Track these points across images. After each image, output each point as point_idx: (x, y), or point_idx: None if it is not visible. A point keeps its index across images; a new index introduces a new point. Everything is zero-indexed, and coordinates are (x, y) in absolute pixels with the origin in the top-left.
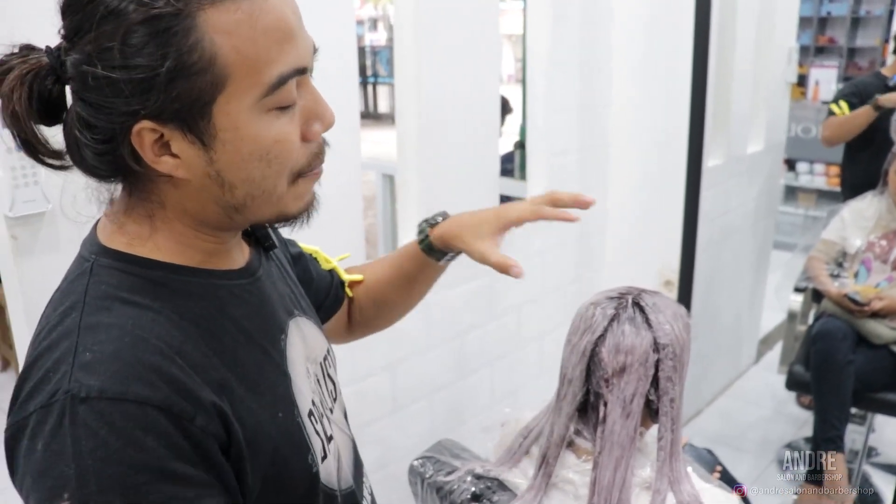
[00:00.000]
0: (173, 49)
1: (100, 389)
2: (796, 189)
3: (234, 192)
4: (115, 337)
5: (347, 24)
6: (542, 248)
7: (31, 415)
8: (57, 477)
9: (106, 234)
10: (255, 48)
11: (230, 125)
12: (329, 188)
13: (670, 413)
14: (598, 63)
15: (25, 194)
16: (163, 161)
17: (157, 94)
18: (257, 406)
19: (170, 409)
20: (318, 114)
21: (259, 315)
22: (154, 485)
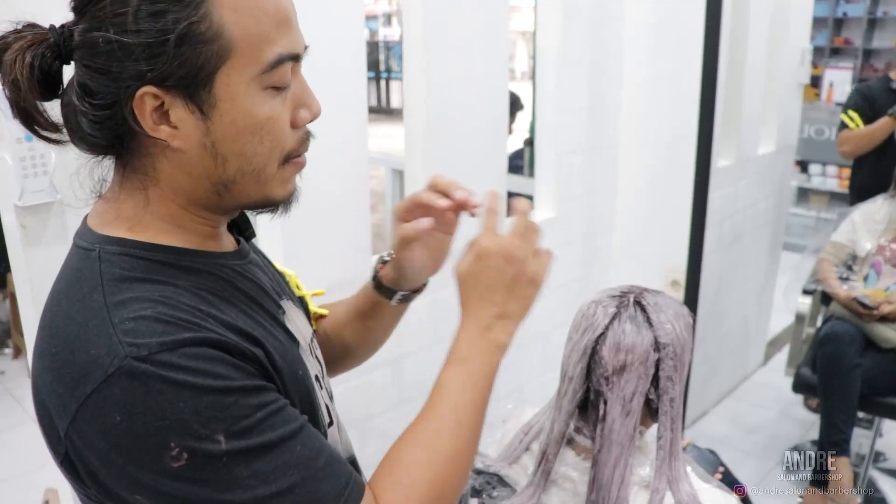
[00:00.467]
0: (184, 17)
1: (159, 343)
2: (808, 191)
3: (227, 166)
4: (146, 306)
5: (356, 19)
6: (548, 244)
7: (91, 396)
8: (154, 434)
9: (103, 223)
10: (257, 26)
11: (229, 96)
12: (336, 183)
13: (670, 412)
14: (608, 62)
15: (34, 184)
16: (161, 129)
17: (165, 59)
18: (283, 361)
19: (225, 344)
20: (306, 102)
21: (260, 289)
22: (242, 400)
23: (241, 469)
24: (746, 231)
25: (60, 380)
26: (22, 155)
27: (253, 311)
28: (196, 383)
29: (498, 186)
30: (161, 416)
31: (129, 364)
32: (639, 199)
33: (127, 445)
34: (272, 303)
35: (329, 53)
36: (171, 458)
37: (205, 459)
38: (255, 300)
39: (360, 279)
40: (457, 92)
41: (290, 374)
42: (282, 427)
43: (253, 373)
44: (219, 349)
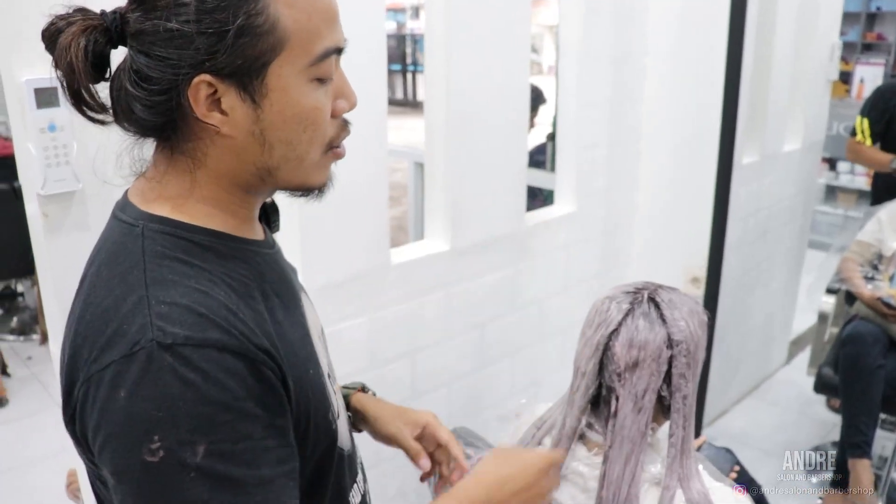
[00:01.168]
0: (244, 10)
1: (185, 336)
2: (836, 189)
3: (272, 153)
4: (183, 292)
5: (377, 12)
6: (567, 241)
7: (109, 366)
8: (146, 420)
9: (147, 201)
10: (309, 22)
11: (280, 86)
12: (355, 176)
13: (682, 410)
14: (630, 56)
15: (57, 173)
16: (212, 115)
17: (223, 49)
18: (297, 361)
19: (245, 353)
20: (345, 92)
21: (285, 281)
22: (236, 423)
23: (202, 491)
24: (771, 228)
25: (89, 345)
26: (45, 145)
27: (275, 306)
28: (203, 388)
29: (517, 180)
30: (159, 406)
31: (152, 347)
32: (660, 195)
33: (117, 422)
34: (294, 295)
35: (350, 48)
36: (149, 450)
37: (177, 465)
38: (279, 293)
39: (377, 272)
40: (478, 86)
41: (302, 375)
42: (258, 468)
43: (258, 396)
44: (240, 359)
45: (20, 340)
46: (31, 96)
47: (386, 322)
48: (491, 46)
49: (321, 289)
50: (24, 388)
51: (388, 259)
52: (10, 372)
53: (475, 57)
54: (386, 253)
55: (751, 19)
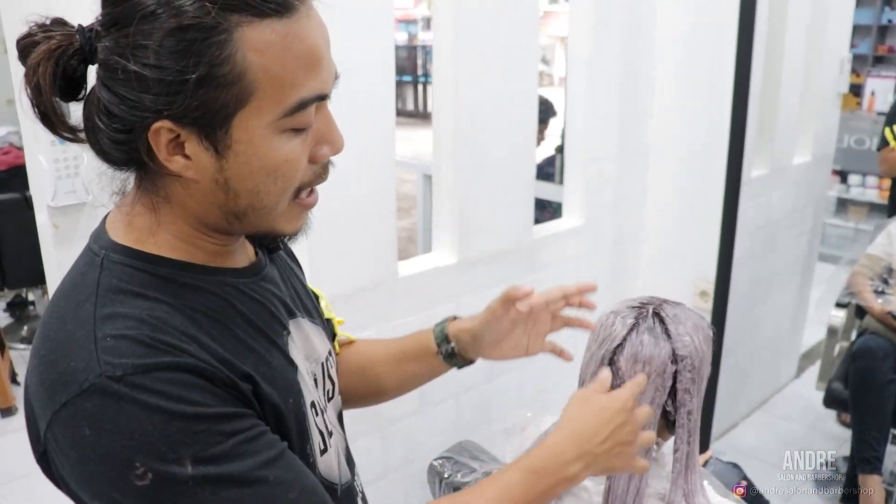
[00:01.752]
0: (206, 58)
1: (133, 366)
2: (847, 202)
3: (238, 201)
4: (132, 325)
5: (386, 24)
6: (575, 253)
7: (65, 406)
8: (120, 451)
9: (115, 230)
10: (282, 70)
11: (246, 139)
12: (362, 188)
13: (687, 425)
14: (640, 69)
15: (67, 185)
16: (174, 160)
17: (182, 98)
18: (273, 391)
19: (203, 372)
20: (329, 139)
21: (264, 310)
22: (213, 427)
23: (208, 495)
24: (781, 241)
25: (42, 384)
26: (56, 157)
27: (248, 335)
28: (167, 407)
29: (525, 192)
30: (129, 435)
31: (104, 382)
32: (669, 207)
33: (94, 459)
34: (276, 324)
35: (358, 58)
36: (135, 476)
37: (169, 482)
38: (254, 323)
39: (384, 285)
40: (486, 98)
41: (279, 404)
42: (255, 455)
43: (229, 399)
44: (195, 374)
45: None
46: None
47: (394, 334)
48: (499, 58)
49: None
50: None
51: (395, 271)
52: (20, 380)
53: (483, 69)
54: (393, 265)
55: (760, 32)
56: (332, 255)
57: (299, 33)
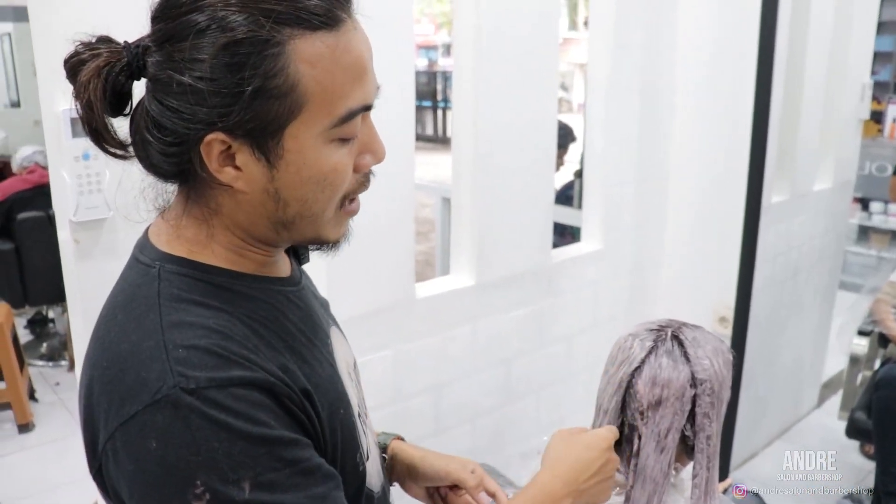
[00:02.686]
0: (261, 71)
1: (208, 379)
2: (869, 229)
3: (287, 210)
4: (201, 334)
5: (406, 50)
6: (594, 278)
7: (134, 417)
8: (184, 467)
9: (164, 241)
10: (332, 82)
11: (297, 148)
12: (383, 209)
13: (706, 450)
14: (659, 94)
15: (89, 201)
16: (225, 171)
17: (237, 110)
18: (325, 401)
19: (272, 388)
20: (372, 148)
21: (310, 319)
22: (275, 452)
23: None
24: (801, 268)
25: (107, 395)
26: (79, 172)
27: (300, 344)
28: (235, 426)
29: (544, 216)
30: (195, 451)
31: (177, 394)
32: (688, 232)
33: (155, 473)
34: (321, 332)
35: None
36: (194, 495)
37: (226, 503)
38: (304, 332)
39: (402, 306)
40: (505, 122)
41: (331, 415)
42: (307, 489)
43: (292, 423)
44: (266, 393)
45: (49, 366)
46: (68, 125)
47: (411, 356)
48: (518, 82)
49: (346, 321)
50: (52, 413)
51: (413, 293)
52: (38, 397)
53: (503, 93)
54: (411, 287)
55: (780, 57)
56: (350, 276)
57: (347, 46)
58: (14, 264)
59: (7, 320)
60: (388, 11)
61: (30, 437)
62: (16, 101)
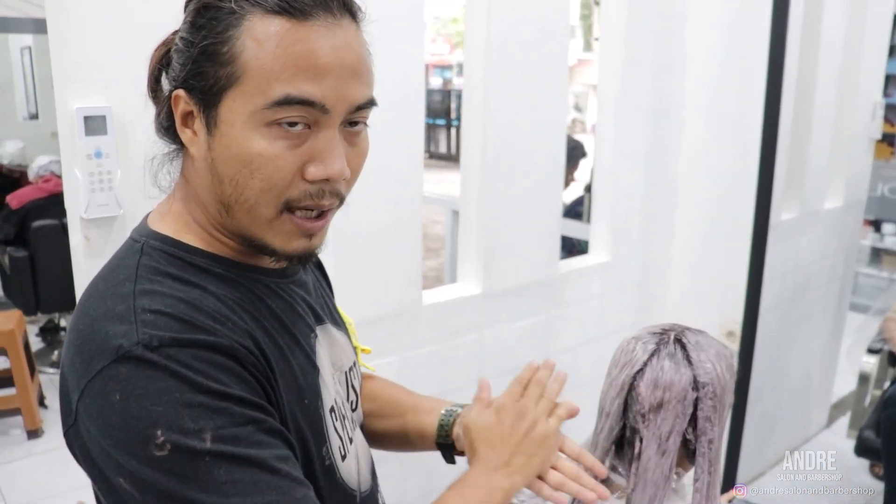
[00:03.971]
0: (213, 33)
1: (171, 338)
2: (881, 251)
3: (223, 188)
4: (170, 303)
5: (417, 69)
6: (601, 290)
7: (100, 373)
8: (144, 418)
9: (157, 220)
10: (272, 64)
11: (230, 120)
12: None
13: (708, 454)
14: (669, 109)
15: (100, 198)
16: (185, 131)
17: (189, 67)
18: (287, 387)
19: (236, 353)
20: (322, 158)
21: (292, 310)
22: (236, 408)
23: (221, 473)
24: (811, 287)
25: (79, 355)
26: (91, 170)
27: (274, 329)
28: (196, 381)
29: (552, 227)
30: (156, 401)
31: (140, 350)
32: (697, 247)
33: (118, 425)
34: (303, 325)
35: (390, 101)
36: (155, 445)
37: (187, 454)
38: (281, 320)
39: (408, 312)
40: (514, 131)
41: (295, 400)
42: (270, 448)
43: (255, 389)
44: (230, 358)
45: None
46: (81, 123)
47: (417, 362)
48: (527, 99)
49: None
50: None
51: (419, 299)
52: (48, 404)
53: (512, 107)
54: (418, 293)
55: (790, 74)
56: (357, 280)
57: (305, 39)
58: (27, 272)
59: (19, 327)
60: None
61: (38, 442)
62: (34, 113)
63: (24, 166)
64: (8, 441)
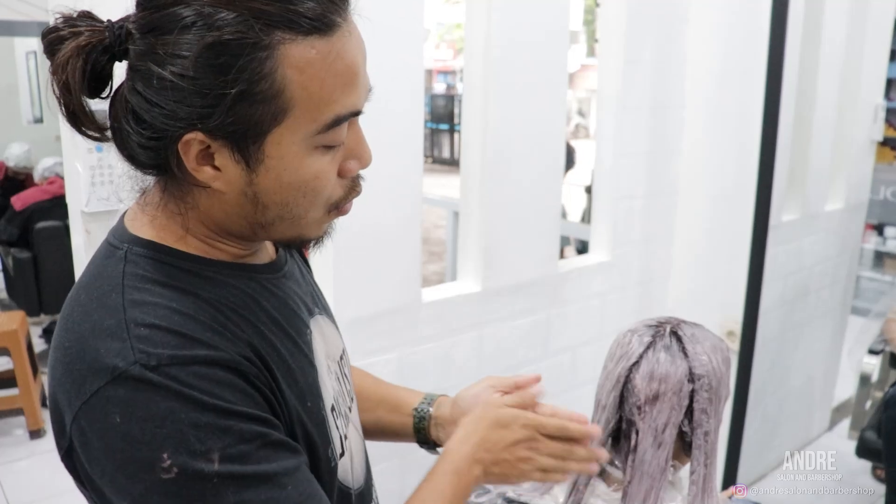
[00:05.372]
0: (247, 75)
1: (170, 357)
2: (883, 254)
3: (266, 213)
4: (163, 315)
5: (417, 73)
6: (602, 289)
7: (96, 394)
8: (149, 441)
9: (137, 226)
10: (320, 88)
11: (278, 154)
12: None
13: (704, 447)
14: (669, 108)
15: (100, 192)
16: (203, 170)
17: (219, 112)
18: (291, 392)
19: (237, 367)
20: (358, 153)
21: (287, 308)
22: (242, 425)
23: (230, 494)
24: (812, 289)
25: (69, 375)
26: (91, 164)
27: (271, 332)
28: (200, 399)
29: (551, 226)
30: (160, 423)
31: (138, 370)
32: (697, 246)
33: (121, 449)
34: (298, 322)
35: (391, 104)
36: (162, 468)
37: (195, 477)
38: (277, 320)
39: (408, 310)
40: (514, 130)
41: (299, 404)
42: (277, 462)
43: (259, 403)
44: (231, 372)
45: None
46: None
47: (416, 359)
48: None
49: (352, 322)
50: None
51: (419, 297)
52: None
53: (512, 105)
54: (417, 291)
55: (791, 75)
56: (357, 277)
57: (340, 52)
58: (31, 273)
59: (22, 327)
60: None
61: (41, 442)
62: (39, 117)
63: (29, 168)
64: (10, 441)
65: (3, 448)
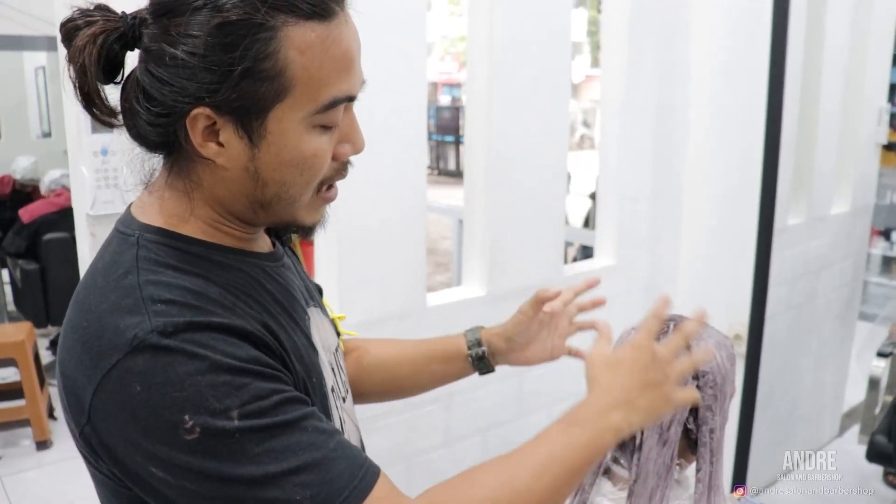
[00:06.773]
0: (252, 53)
1: (186, 322)
2: (891, 260)
3: (265, 190)
4: (178, 293)
5: (419, 85)
6: (608, 293)
7: (115, 367)
8: (170, 405)
9: (145, 213)
10: (319, 70)
11: (279, 131)
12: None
13: (709, 444)
14: (672, 110)
15: (105, 195)
16: (209, 146)
17: (225, 88)
18: (299, 366)
19: (249, 335)
20: (352, 138)
21: (288, 293)
22: (257, 382)
23: (254, 446)
24: (820, 293)
25: (88, 352)
26: (97, 167)
27: (277, 312)
28: (216, 360)
29: (556, 232)
30: (179, 387)
31: (155, 338)
32: (703, 250)
33: (144, 416)
34: (298, 307)
35: (395, 117)
36: (184, 430)
37: (217, 434)
38: (281, 303)
39: (413, 314)
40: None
41: (305, 380)
42: (294, 411)
43: (272, 363)
44: (244, 339)
45: None
46: (87, 121)
47: None
48: (532, 96)
49: (357, 327)
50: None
51: (424, 301)
52: (57, 416)
53: (516, 103)
54: (422, 295)
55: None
56: (362, 281)
57: (338, 37)
58: (38, 284)
59: (29, 338)
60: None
61: (48, 454)
62: (47, 131)
63: (36, 181)
64: (17, 452)
65: (10, 459)
